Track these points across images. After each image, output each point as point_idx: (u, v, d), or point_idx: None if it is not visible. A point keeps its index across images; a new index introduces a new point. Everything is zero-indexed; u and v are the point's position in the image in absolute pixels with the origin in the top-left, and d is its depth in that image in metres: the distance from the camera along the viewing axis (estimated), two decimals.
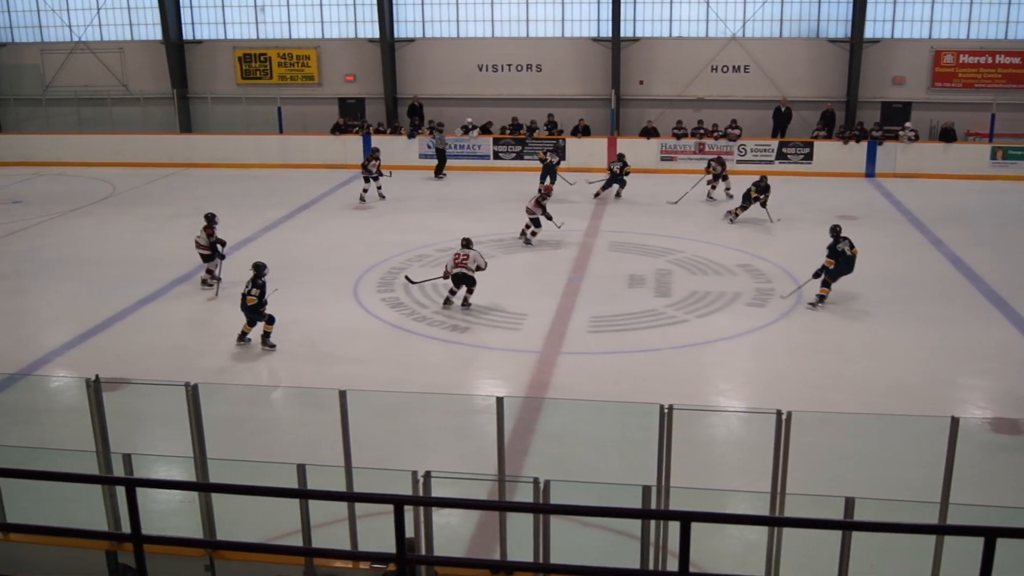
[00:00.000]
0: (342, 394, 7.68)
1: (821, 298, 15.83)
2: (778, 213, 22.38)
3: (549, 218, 19.98)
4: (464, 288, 15.68)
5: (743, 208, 21.71)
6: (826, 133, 28.32)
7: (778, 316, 15.42)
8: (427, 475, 7.13)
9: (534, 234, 19.99)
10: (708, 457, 10.80)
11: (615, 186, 24.59)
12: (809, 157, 27.41)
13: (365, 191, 24.25)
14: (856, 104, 29.15)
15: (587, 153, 28.32)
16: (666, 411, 7.72)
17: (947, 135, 28.04)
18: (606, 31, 29.67)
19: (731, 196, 23.89)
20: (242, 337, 14.15)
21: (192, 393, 7.65)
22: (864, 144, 27.45)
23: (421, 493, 7.07)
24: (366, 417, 10.39)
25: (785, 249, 19.37)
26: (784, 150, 27.91)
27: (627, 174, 24.56)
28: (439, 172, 27.66)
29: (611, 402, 11.61)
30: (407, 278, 16.79)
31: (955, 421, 7.48)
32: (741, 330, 14.87)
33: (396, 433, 11.33)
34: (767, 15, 29.30)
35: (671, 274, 17.74)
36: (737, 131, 28.28)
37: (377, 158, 24.48)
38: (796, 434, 7.62)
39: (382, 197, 24.34)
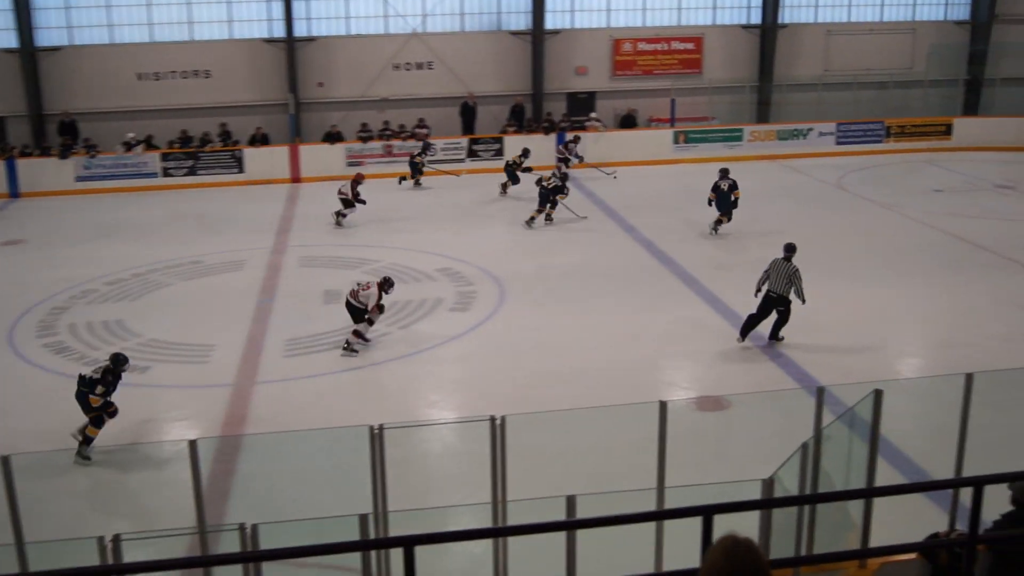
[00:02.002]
0: (4, 460, 6.98)
1: (715, 226, 20.50)
2: (476, 212, 23.03)
3: (353, 204, 21.86)
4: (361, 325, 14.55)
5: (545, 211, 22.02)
6: (516, 127, 29.40)
7: (483, 319, 15.77)
8: (116, 539, 6.64)
9: (344, 216, 21.92)
10: (426, 474, 10.82)
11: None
12: (500, 153, 28.32)
13: None
14: (543, 96, 30.50)
15: (267, 163, 27.71)
16: (376, 432, 7.63)
17: (628, 122, 29.99)
18: (279, 31, 29.21)
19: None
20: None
21: None
22: (553, 136, 28.75)
23: (111, 560, 6.56)
24: (33, 483, 9.53)
25: (484, 248, 19.87)
26: (474, 147, 28.68)
27: (521, 168, 24.89)
28: None
29: (316, 430, 11.37)
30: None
31: (663, 405, 7.92)
32: (446, 336, 15.07)
33: (75, 496, 10.49)
34: (447, 9, 30.01)
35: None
36: (425, 130, 28.73)
37: None
38: (512, 437, 7.77)
39: None
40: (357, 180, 22.55)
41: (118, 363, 11.58)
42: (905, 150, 30.36)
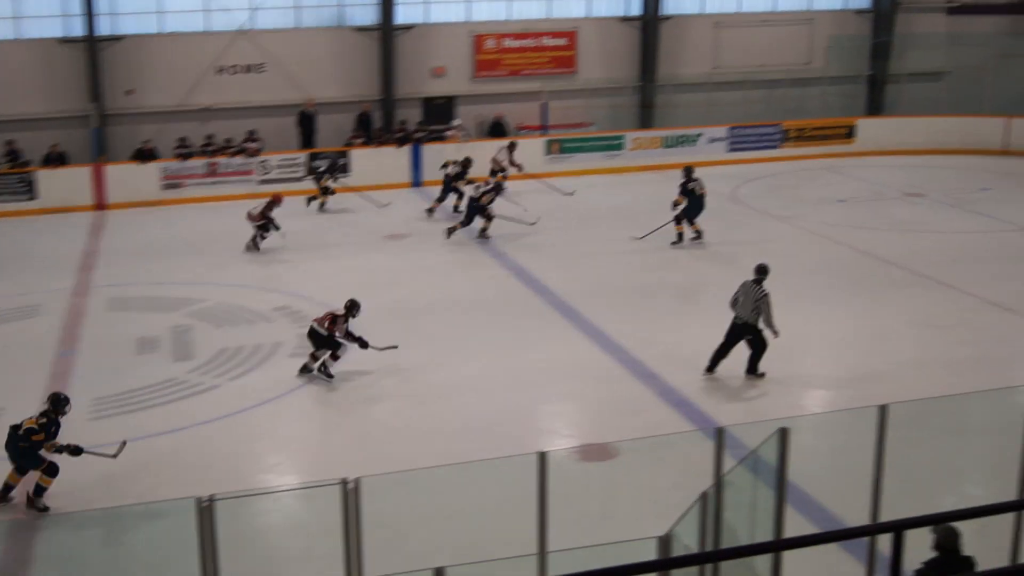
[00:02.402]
0: None
1: (680, 236, 21.44)
2: (317, 240, 22.88)
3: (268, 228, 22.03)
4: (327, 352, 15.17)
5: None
6: (364, 139, 29.32)
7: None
8: None
9: (263, 238, 22.25)
10: (265, 553, 10.63)
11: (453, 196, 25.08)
12: (345, 169, 28.17)
13: None
14: (394, 102, 30.53)
15: (66, 188, 26.89)
16: (204, 504, 7.46)
17: (497, 130, 30.24)
18: (78, 29, 28.51)
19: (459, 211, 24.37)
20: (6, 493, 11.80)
21: None
22: (407, 148, 28.75)
23: None
24: None
25: (330, 281, 19.70)
26: (315, 163, 28.47)
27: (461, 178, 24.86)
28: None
29: (130, 505, 11.05)
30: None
31: (542, 456, 7.96)
32: (286, 387, 14.89)
33: None
34: (280, 2, 29.82)
35: (192, 330, 17.38)
36: (256, 144, 28.40)
37: None
38: (368, 503, 7.69)
39: None
40: (274, 201, 22.43)
41: (59, 404, 11.83)
42: (804, 156, 31.44)
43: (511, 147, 26.94)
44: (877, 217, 24.26)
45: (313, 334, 15.17)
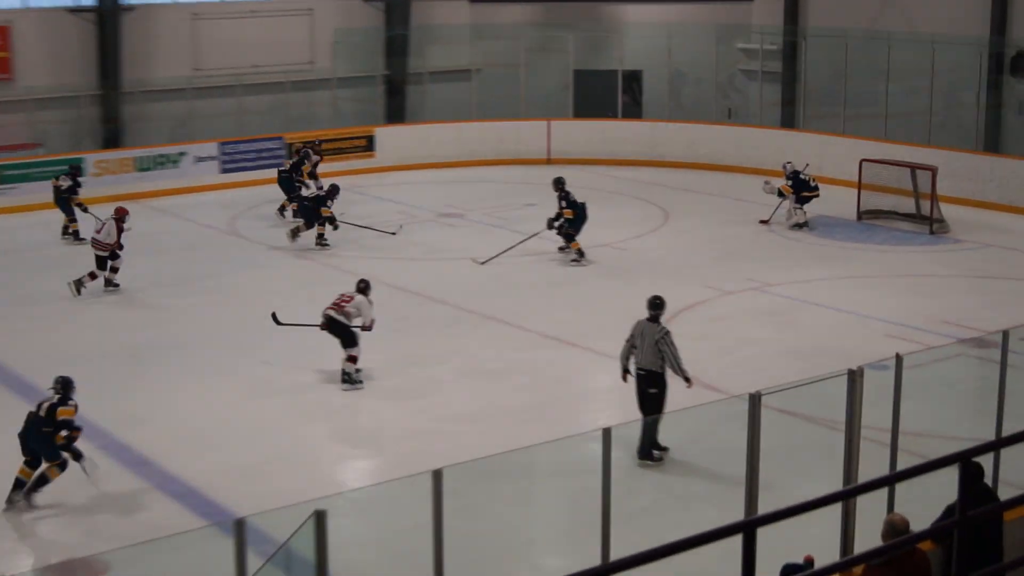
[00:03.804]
0: None
1: (580, 253, 23.16)
2: None
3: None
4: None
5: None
6: None
7: None
8: None
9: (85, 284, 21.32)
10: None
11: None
12: None
13: None
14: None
15: None
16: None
17: None
18: None
19: None
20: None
21: None
22: None
23: None
24: None
25: None
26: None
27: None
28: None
29: None
30: (273, 316, 17.99)
31: None
32: None
33: None
34: None
35: None
36: None
37: None
38: None
39: None
40: (120, 218, 21.88)
41: (71, 387, 13.97)
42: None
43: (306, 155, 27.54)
44: (407, 245, 24.86)
45: (334, 323, 16.82)
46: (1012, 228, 26.11)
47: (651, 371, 14.30)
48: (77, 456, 13.68)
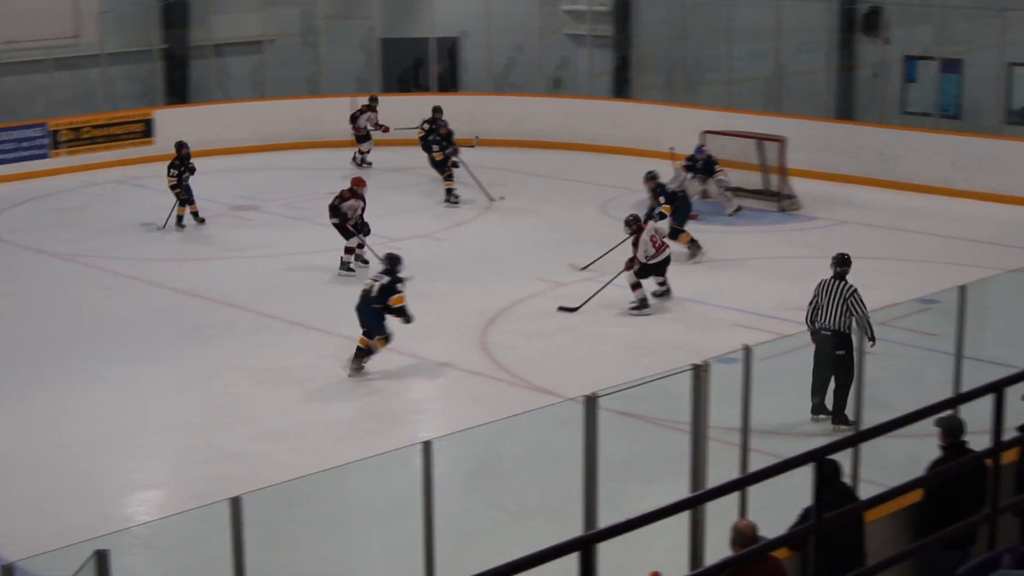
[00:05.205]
0: None
1: (694, 243, 23.27)
2: None
3: None
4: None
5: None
6: None
7: None
8: None
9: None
10: None
11: None
12: None
13: None
14: None
15: None
16: None
17: None
18: None
19: None
20: None
21: None
22: None
23: None
24: None
25: None
26: None
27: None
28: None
29: None
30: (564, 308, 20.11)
31: None
32: None
33: None
34: None
35: None
36: None
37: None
38: None
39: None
40: None
41: (396, 263, 18.06)
42: (88, 166, 31.42)
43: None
44: (197, 242, 24.60)
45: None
46: (868, 202, 26.90)
47: (838, 331, 15.24)
48: (408, 319, 17.80)
